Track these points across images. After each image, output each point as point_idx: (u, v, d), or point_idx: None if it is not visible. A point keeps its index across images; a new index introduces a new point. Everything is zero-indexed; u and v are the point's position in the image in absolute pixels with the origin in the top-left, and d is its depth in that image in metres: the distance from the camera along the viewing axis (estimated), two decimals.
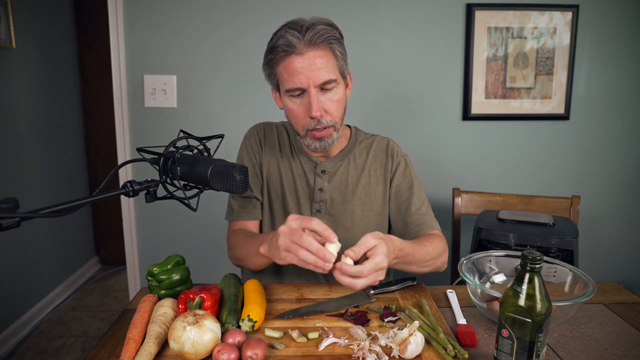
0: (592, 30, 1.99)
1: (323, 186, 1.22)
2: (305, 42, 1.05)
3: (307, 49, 1.06)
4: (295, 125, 1.14)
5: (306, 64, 1.06)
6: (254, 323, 0.90)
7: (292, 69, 1.06)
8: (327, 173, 1.22)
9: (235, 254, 1.21)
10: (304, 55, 1.06)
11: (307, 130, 1.12)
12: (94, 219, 3.40)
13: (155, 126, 1.99)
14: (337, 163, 1.23)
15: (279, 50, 1.07)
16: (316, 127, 1.10)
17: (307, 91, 1.08)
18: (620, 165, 2.11)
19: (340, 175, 1.23)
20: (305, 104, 1.09)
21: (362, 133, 1.31)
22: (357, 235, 1.18)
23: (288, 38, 1.05)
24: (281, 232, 0.92)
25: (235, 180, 0.87)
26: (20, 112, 2.50)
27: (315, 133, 1.11)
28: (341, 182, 1.23)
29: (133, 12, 1.91)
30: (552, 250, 1.48)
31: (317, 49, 1.07)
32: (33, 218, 0.68)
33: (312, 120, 1.09)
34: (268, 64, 1.12)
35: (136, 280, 2.10)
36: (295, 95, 1.10)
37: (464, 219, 1.88)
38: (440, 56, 1.99)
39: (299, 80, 1.06)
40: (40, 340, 2.43)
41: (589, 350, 0.87)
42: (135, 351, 0.80)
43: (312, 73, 1.06)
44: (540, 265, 0.73)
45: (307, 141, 1.14)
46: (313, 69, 1.06)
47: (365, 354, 0.82)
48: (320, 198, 1.22)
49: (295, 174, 1.24)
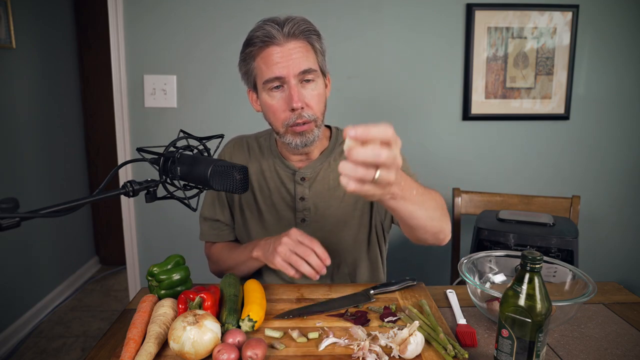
0: (592, 30, 1.99)
1: (304, 194, 1.18)
2: (284, 34, 1.04)
3: (286, 40, 1.05)
4: (275, 122, 1.10)
5: (285, 54, 1.04)
6: (254, 323, 0.90)
7: (270, 60, 1.05)
8: (307, 180, 1.18)
9: (221, 266, 1.25)
10: (283, 46, 1.04)
11: (287, 126, 1.08)
12: (94, 219, 3.40)
13: (155, 126, 1.99)
14: (316, 167, 1.19)
15: (257, 42, 1.05)
16: (297, 121, 1.06)
17: (287, 82, 1.05)
18: (620, 165, 2.11)
19: (321, 180, 1.19)
20: (285, 97, 1.06)
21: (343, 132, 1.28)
22: (344, 237, 1.20)
23: (266, 29, 1.04)
24: (284, 242, 1.00)
25: (235, 180, 0.87)
26: (20, 112, 2.50)
27: (295, 128, 1.07)
28: (322, 187, 1.18)
29: (133, 12, 1.91)
30: (552, 250, 1.48)
31: (296, 40, 1.06)
32: (33, 218, 0.68)
33: (293, 113, 1.06)
34: (245, 60, 1.10)
35: (136, 280, 2.10)
36: (274, 88, 1.07)
37: (464, 219, 1.88)
38: (440, 56, 1.99)
39: (278, 70, 1.04)
40: (40, 340, 2.43)
41: (589, 350, 0.87)
42: (135, 351, 0.80)
43: (292, 62, 1.04)
44: (540, 265, 0.73)
45: (287, 139, 1.10)
46: (292, 58, 1.04)
47: (365, 354, 0.81)
48: (302, 207, 1.18)
49: (273, 184, 1.20)
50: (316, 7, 1.92)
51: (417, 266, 2.14)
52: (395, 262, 2.03)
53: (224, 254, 1.25)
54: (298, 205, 1.18)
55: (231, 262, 1.20)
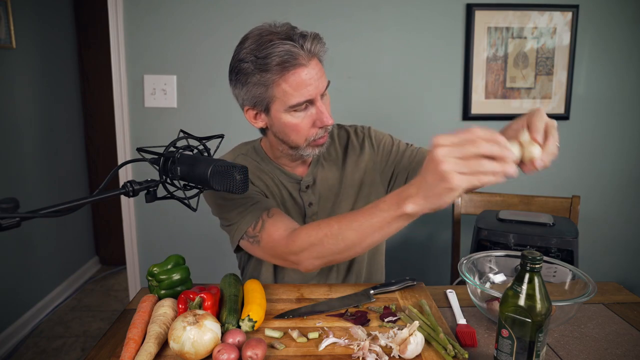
0: (592, 30, 1.99)
1: (311, 200, 1.18)
2: (306, 51, 0.98)
3: (310, 59, 0.99)
4: (296, 139, 1.06)
5: (311, 74, 0.99)
6: (254, 323, 0.90)
7: (299, 82, 0.98)
8: (310, 187, 1.19)
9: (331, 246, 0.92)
10: (308, 65, 0.98)
11: (310, 141, 1.06)
12: (94, 219, 3.40)
13: (155, 126, 1.99)
14: (314, 171, 1.19)
15: (285, 65, 0.96)
16: (323, 135, 1.06)
17: (313, 101, 1.02)
18: (620, 165, 2.11)
19: (320, 183, 1.19)
20: (311, 116, 1.03)
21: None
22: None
23: (289, 49, 0.95)
24: (441, 155, 0.69)
25: (235, 180, 0.87)
26: (20, 112, 2.50)
27: (319, 141, 1.07)
28: (323, 189, 1.19)
29: (133, 12, 1.91)
30: (552, 250, 1.48)
31: (315, 57, 1.02)
32: (33, 218, 0.68)
33: (321, 129, 1.05)
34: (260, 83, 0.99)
35: (136, 280, 2.10)
36: (300, 109, 1.02)
37: (464, 219, 1.88)
38: (440, 56, 1.99)
39: (308, 93, 0.99)
40: (40, 340, 2.43)
41: (589, 350, 0.87)
42: (135, 351, 0.80)
43: (318, 82, 1.00)
44: (540, 265, 0.73)
45: (306, 151, 1.08)
46: (317, 77, 1.00)
47: (365, 354, 0.82)
48: (311, 212, 1.19)
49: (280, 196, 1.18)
50: (316, 7, 1.92)
51: (417, 266, 2.14)
52: (395, 262, 2.03)
53: (334, 227, 0.92)
54: (308, 212, 1.19)
55: (353, 234, 0.89)
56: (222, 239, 2.02)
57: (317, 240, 0.93)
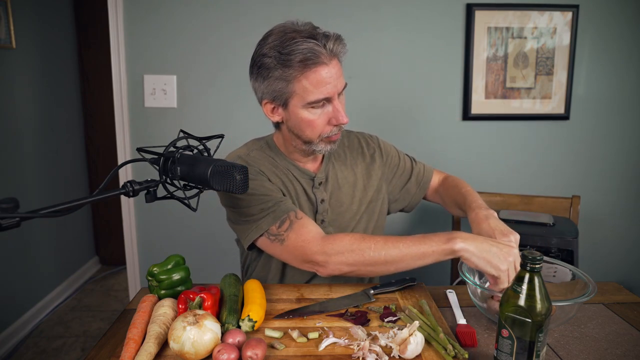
0: (592, 30, 1.99)
1: (324, 197, 1.20)
2: (328, 51, 1.03)
3: (331, 58, 1.04)
4: (311, 134, 1.09)
5: (332, 73, 1.03)
6: (254, 323, 0.90)
7: (319, 80, 1.02)
8: (322, 183, 1.21)
9: (375, 257, 0.97)
10: (329, 64, 1.03)
11: (324, 137, 1.10)
12: (94, 219, 3.40)
13: (155, 126, 1.99)
14: (326, 169, 1.22)
15: (307, 62, 1.00)
16: (337, 132, 1.11)
17: (331, 100, 1.06)
18: (620, 165, 2.11)
19: (331, 181, 1.22)
20: (326, 113, 1.07)
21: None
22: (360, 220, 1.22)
23: (312, 47, 1.00)
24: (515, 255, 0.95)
25: (235, 180, 0.87)
26: (21, 112, 2.50)
27: (333, 137, 1.11)
28: (333, 187, 1.22)
29: (133, 12, 1.91)
30: (552, 250, 1.48)
31: (336, 57, 1.06)
32: (33, 218, 0.68)
33: (335, 127, 1.09)
34: (278, 79, 1.03)
35: (136, 280, 2.10)
36: (317, 106, 1.06)
37: (465, 219, 1.87)
38: (440, 56, 1.99)
39: (327, 90, 1.04)
40: (40, 340, 2.43)
41: (589, 350, 0.87)
42: (135, 351, 0.80)
43: (337, 81, 1.05)
44: (540, 265, 0.73)
45: (319, 147, 1.11)
46: (337, 77, 1.05)
47: (365, 354, 0.82)
48: (323, 209, 1.20)
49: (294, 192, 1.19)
50: (316, 7, 1.92)
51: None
52: None
53: (379, 242, 0.98)
54: (319, 208, 1.20)
55: (397, 252, 0.96)
56: (222, 239, 2.02)
57: (357, 248, 0.98)
